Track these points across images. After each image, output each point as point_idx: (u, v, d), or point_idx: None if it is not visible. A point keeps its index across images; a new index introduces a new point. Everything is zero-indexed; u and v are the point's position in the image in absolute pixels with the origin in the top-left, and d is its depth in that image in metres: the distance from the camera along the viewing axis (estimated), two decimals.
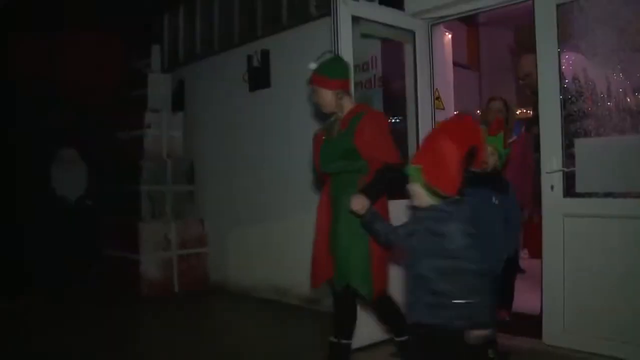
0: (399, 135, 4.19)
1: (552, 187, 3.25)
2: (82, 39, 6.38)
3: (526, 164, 3.94)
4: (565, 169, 3.21)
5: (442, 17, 3.94)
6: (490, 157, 2.91)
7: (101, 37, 6.49)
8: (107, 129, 6.14)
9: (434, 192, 2.09)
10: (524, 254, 5.49)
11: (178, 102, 6.18)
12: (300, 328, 4.13)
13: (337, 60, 2.95)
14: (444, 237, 2.06)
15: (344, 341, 2.86)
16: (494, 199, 2.89)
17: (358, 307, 3.37)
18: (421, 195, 2.15)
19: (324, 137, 2.92)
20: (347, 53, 3.38)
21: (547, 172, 3.26)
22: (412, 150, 3.99)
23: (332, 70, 2.84)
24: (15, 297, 5.10)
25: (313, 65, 2.86)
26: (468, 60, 6.61)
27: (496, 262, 2.91)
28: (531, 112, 4.51)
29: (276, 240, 4.96)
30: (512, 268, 3.91)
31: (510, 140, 3.80)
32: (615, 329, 2.98)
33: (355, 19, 3.50)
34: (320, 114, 3.17)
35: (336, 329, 2.88)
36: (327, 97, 2.84)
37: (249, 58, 5.22)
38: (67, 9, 5.95)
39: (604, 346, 3.00)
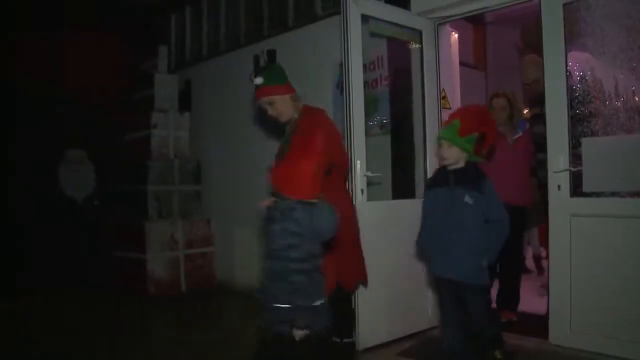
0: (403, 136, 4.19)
1: (559, 187, 3.24)
2: (89, 39, 6.41)
3: (530, 163, 3.88)
4: (572, 169, 3.19)
5: (448, 17, 3.94)
6: (446, 151, 2.65)
7: (108, 37, 6.52)
8: (114, 129, 6.17)
9: (276, 194, 2.15)
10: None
11: (185, 102, 6.21)
12: None
13: (277, 66, 2.97)
14: (269, 237, 2.13)
15: (346, 340, 2.91)
16: (466, 197, 2.59)
17: (363, 309, 3.39)
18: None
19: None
20: (356, 52, 3.40)
21: (554, 172, 3.25)
22: (418, 151, 3.99)
23: (280, 77, 2.83)
24: (16, 297, 5.13)
25: (260, 80, 2.80)
26: (474, 60, 6.59)
27: (468, 271, 2.60)
28: (528, 112, 4.39)
29: None
30: (514, 269, 3.88)
31: (515, 137, 3.78)
32: (623, 329, 2.96)
33: (365, 18, 3.51)
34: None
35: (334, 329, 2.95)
36: (286, 102, 2.82)
37: (256, 58, 5.24)
38: (74, 10, 5.99)
39: (611, 346, 2.98)
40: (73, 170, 6.41)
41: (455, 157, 2.65)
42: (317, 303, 2.10)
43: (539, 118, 3.82)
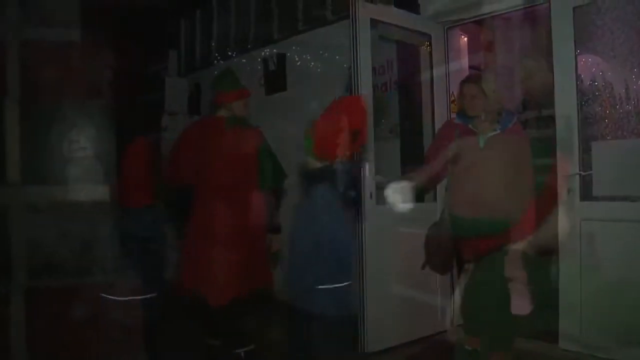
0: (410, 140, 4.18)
1: (568, 191, 3.23)
2: (98, 42, 6.46)
3: (521, 170, 2.87)
4: (582, 173, 3.18)
5: (457, 20, 3.94)
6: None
7: (118, 40, 6.56)
8: (124, 131, 6.20)
9: None
10: None
11: (194, 105, 6.24)
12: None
13: (217, 74, 3.25)
14: None
15: None
16: (304, 206, 2.29)
17: (371, 313, 3.38)
18: None
19: None
20: (365, 55, 3.41)
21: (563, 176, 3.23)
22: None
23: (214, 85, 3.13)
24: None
25: None
26: (484, 63, 6.56)
27: (297, 292, 2.25)
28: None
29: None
30: None
31: (490, 135, 2.80)
32: (633, 334, 2.93)
33: (373, 22, 3.52)
34: None
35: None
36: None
37: (265, 62, 5.26)
38: (83, 12, 6.03)
39: (620, 351, 2.96)
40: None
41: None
42: None
43: (539, 121, 3.78)
